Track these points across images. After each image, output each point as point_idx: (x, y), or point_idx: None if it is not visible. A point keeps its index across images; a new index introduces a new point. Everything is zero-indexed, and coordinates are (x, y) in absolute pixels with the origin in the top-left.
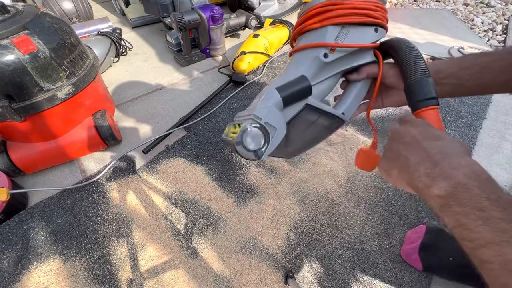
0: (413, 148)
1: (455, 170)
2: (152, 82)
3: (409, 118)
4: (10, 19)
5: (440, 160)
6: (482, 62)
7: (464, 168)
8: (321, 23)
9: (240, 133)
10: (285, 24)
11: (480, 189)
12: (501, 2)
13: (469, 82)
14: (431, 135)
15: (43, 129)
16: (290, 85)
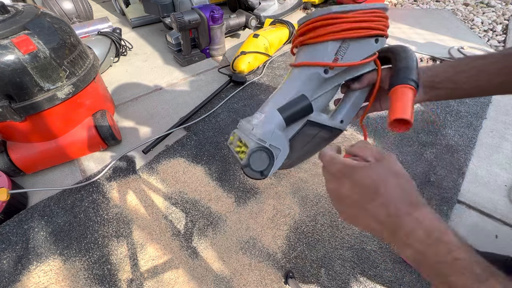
0: (359, 211)
1: (409, 239)
2: (152, 82)
3: (335, 165)
4: (10, 19)
5: (391, 227)
6: (478, 65)
7: (415, 235)
8: (321, 38)
9: (247, 157)
10: (285, 24)
11: (437, 257)
12: (501, 2)
13: (466, 85)
14: (367, 193)
15: (43, 129)
16: (291, 105)
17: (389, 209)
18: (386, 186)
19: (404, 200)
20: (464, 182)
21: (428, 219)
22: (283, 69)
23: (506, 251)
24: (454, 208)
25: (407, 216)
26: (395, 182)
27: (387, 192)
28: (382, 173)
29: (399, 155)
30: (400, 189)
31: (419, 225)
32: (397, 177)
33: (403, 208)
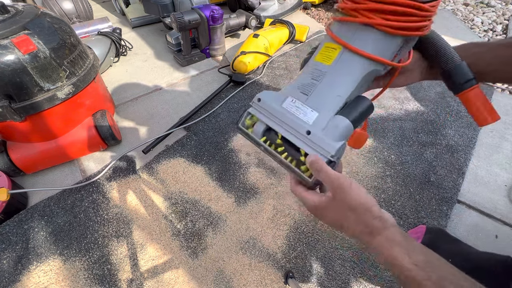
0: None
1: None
2: (152, 82)
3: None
4: (10, 19)
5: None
6: (476, 53)
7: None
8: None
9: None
10: (285, 24)
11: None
12: (501, 2)
13: None
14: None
15: (43, 129)
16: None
17: (356, 239)
18: (347, 222)
19: (363, 232)
20: (464, 182)
21: (383, 247)
22: (283, 69)
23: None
24: (454, 208)
25: (369, 245)
26: (352, 218)
27: (349, 227)
28: (340, 210)
29: (399, 155)
30: (358, 224)
31: (378, 251)
32: (353, 212)
33: (364, 238)
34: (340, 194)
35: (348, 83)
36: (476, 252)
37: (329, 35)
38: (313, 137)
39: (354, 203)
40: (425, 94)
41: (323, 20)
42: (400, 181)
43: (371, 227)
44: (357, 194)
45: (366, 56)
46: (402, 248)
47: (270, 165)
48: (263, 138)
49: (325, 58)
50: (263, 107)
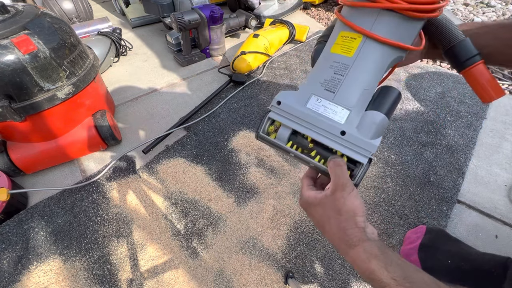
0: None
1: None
2: (152, 82)
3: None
4: (10, 19)
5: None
6: (474, 34)
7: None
8: (419, 14)
9: (361, 176)
10: (285, 24)
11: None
12: (501, 2)
13: None
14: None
15: (43, 129)
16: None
17: (335, 245)
18: (329, 225)
19: (342, 240)
20: (464, 182)
21: (360, 260)
22: (283, 69)
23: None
24: (454, 208)
25: (346, 255)
26: (335, 222)
27: (329, 231)
28: (327, 211)
29: (399, 155)
30: (339, 230)
31: (354, 263)
32: (338, 216)
33: (342, 247)
34: (338, 194)
35: (374, 74)
36: (476, 253)
37: (344, 22)
38: (348, 137)
39: (344, 208)
40: (425, 94)
41: (323, 20)
42: (400, 181)
43: (350, 236)
44: (351, 201)
45: (390, 44)
46: (379, 262)
47: (270, 165)
48: (289, 143)
49: (344, 49)
50: (285, 110)
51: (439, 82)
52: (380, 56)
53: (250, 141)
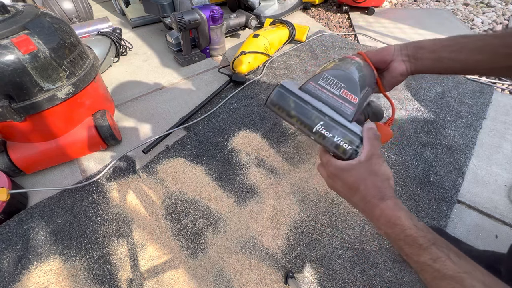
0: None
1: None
2: (152, 82)
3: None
4: (10, 19)
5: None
6: (461, 42)
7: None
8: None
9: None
10: (285, 24)
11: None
12: (501, 2)
13: (446, 59)
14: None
15: (43, 129)
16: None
17: (365, 203)
18: (364, 185)
19: (375, 196)
20: (464, 182)
21: (390, 209)
22: (283, 69)
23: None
24: (454, 208)
25: (376, 207)
26: (371, 181)
27: (364, 189)
28: (363, 173)
29: (399, 155)
30: (374, 187)
31: (382, 213)
32: (374, 176)
33: (374, 201)
34: (375, 160)
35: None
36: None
37: None
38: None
39: (380, 171)
40: (425, 94)
41: (323, 20)
42: (400, 181)
43: (384, 193)
44: (386, 167)
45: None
46: (406, 213)
47: (270, 165)
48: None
49: None
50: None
51: (439, 82)
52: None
53: (250, 141)
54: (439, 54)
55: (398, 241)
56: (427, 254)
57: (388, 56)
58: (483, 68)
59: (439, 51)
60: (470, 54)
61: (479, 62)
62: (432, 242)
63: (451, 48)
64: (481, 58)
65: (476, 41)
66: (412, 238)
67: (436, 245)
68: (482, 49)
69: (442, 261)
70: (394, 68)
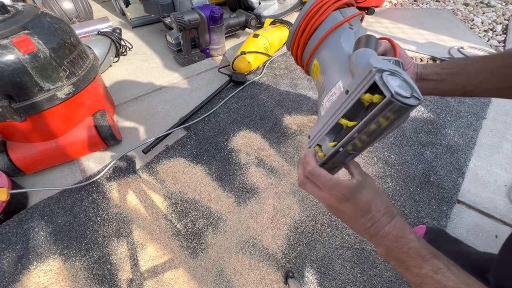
0: (351, 222)
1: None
2: (152, 82)
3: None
4: (10, 19)
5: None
6: (461, 64)
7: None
8: (325, 13)
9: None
10: (285, 24)
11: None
12: (501, 2)
13: (447, 81)
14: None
15: (43, 129)
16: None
17: (374, 222)
18: (375, 203)
19: (386, 213)
20: (464, 182)
21: (399, 224)
22: (283, 69)
23: None
24: (454, 208)
25: (387, 225)
26: (380, 199)
27: (376, 210)
28: (371, 192)
29: (399, 155)
30: (383, 205)
31: (393, 228)
32: (380, 196)
33: (384, 219)
34: (368, 178)
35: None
36: (476, 252)
37: None
38: None
39: (380, 189)
40: None
41: None
42: (400, 181)
43: (392, 210)
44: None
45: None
46: (409, 227)
47: (270, 165)
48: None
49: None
50: None
51: None
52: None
53: (250, 141)
54: (441, 76)
55: (401, 254)
56: (429, 265)
57: (407, 66)
58: (485, 89)
59: (440, 73)
60: (469, 77)
61: (480, 84)
62: (433, 254)
63: (451, 71)
64: (481, 79)
65: (475, 62)
66: (415, 250)
67: (437, 257)
68: (481, 71)
69: (443, 272)
70: None
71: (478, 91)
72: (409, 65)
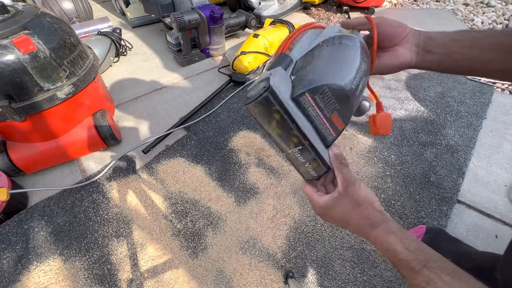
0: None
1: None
2: (152, 82)
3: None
4: (10, 19)
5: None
6: (473, 37)
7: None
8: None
9: None
10: (285, 24)
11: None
12: (501, 2)
13: (457, 55)
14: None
15: (43, 129)
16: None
17: (359, 231)
18: (351, 217)
19: (365, 225)
20: (464, 182)
21: (380, 236)
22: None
23: None
24: (454, 208)
25: (369, 235)
26: (356, 212)
27: (353, 222)
28: (346, 206)
29: (399, 155)
30: (362, 218)
31: (376, 240)
32: (358, 207)
33: (365, 230)
34: (351, 189)
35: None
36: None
37: None
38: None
39: (360, 199)
40: (425, 94)
41: (323, 20)
42: (400, 181)
43: (373, 220)
44: (364, 192)
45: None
46: (397, 236)
47: (270, 165)
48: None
49: None
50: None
51: (439, 82)
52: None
53: (250, 141)
54: (450, 48)
55: (394, 264)
56: (421, 276)
57: (400, 38)
58: (493, 69)
59: (449, 45)
60: (482, 52)
61: (490, 62)
62: (423, 264)
63: (462, 43)
64: (493, 56)
65: (488, 37)
66: (404, 262)
67: (428, 266)
68: (496, 47)
69: (434, 283)
70: (399, 54)
71: (484, 70)
72: (401, 37)
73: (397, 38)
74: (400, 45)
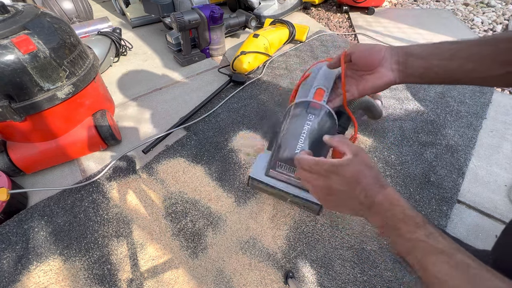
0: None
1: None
2: (152, 82)
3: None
4: (10, 19)
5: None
6: (452, 49)
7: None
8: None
9: None
10: (285, 24)
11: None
12: (501, 2)
13: (437, 68)
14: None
15: (43, 129)
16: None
17: (367, 192)
18: (364, 176)
19: (376, 184)
20: (464, 182)
21: (391, 194)
22: (283, 69)
23: None
24: (454, 208)
25: (379, 194)
26: (369, 172)
27: (365, 180)
28: (359, 167)
29: (399, 155)
30: (373, 177)
31: (386, 198)
32: (369, 169)
33: (376, 189)
34: (361, 153)
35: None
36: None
37: None
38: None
39: (371, 164)
40: (425, 94)
41: (323, 20)
42: (400, 181)
43: (383, 182)
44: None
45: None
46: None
47: None
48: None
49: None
50: None
51: None
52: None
53: (250, 141)
54: (430, 62)
55: (397, 221)
56: (422, 230)
57: (377, 62)
58: (474, 77)
59: (429, 58)
60: (461, 63)
61: (470, 72)
62: (426, 221)
63: (442, 56)
64: (472, 67)
65: (467, 48)
66: (410, 216)
67: (430, 224)
68: (474, 57)
69: (435, 236)
70: (381, 75)
71: (466, 80)
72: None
73: (375, 60)
74: (381, 66)
